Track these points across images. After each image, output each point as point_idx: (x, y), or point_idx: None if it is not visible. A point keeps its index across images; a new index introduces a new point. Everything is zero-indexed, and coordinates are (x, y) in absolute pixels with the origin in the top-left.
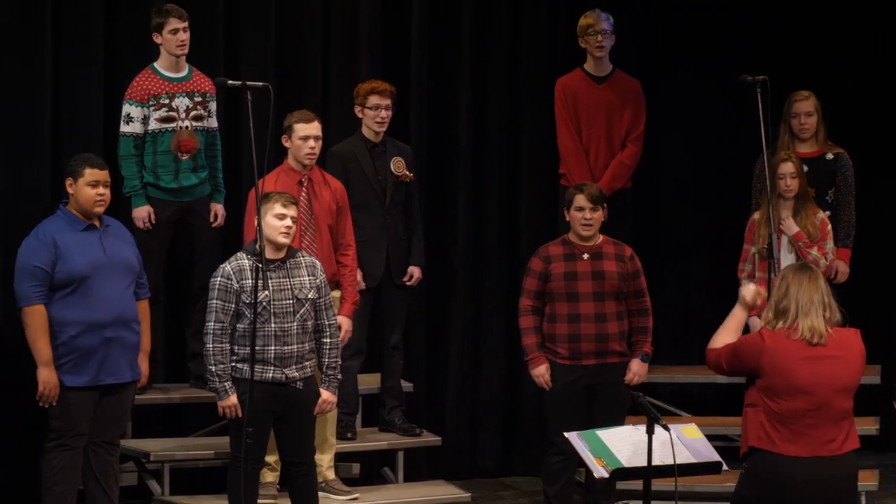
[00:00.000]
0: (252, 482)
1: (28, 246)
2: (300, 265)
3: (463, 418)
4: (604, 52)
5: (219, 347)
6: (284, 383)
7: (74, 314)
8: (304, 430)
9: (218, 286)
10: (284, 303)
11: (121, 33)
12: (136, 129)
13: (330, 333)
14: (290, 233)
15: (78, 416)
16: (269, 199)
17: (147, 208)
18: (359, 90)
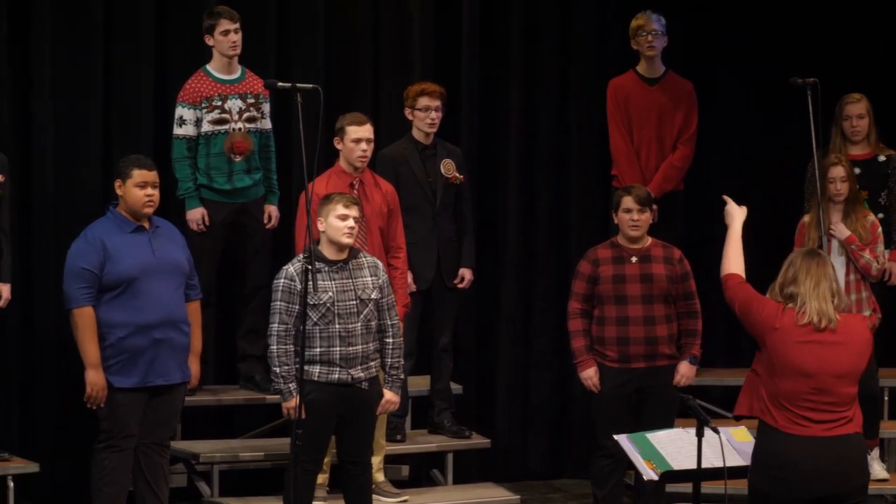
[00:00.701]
0: (309, 483)
1: (77, 248)
2: (363, 266)
3: (512, 420)
4: (655, 52)
5: (283, 349)
6: (350, 384)
7: (123, 316)
8: (365, 430)
9: (281, 288)
10: (348, 303)
11: (172, 34)
12: (189, 132)
13: (393, 333)
14: (353, 233)
15: (127, 418)
16: (331, 200)
17: (201, 210)
18: (408, 92)
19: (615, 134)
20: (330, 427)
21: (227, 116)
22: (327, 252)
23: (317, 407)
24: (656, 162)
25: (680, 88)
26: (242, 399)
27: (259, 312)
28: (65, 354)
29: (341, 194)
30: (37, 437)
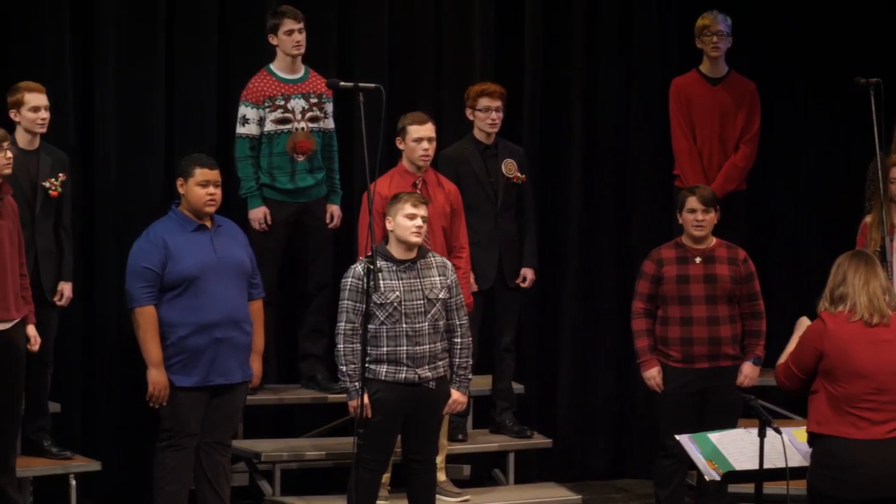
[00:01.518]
0: (374, 483)
1: (138, 247)
2: (431, 265)
3: (574, 420)
4: (719, 53)
5: (350, 348)
6: (417, 383)
7: (184, 315)
8: (432, 430)
9: (349, 287)
10: (416, 303)
11: (235, 34)
12: (252, 131)
13: (461, 333)
14: (422, 232)
15: (188, 417)
16: (399, 200)
17: (263, 209)
18: (469, 92)
19: (678, 133)
20: (396, 426)
21: (290, 116)
22: (395, 251)
23: (383, 406)
24: (718, 162)
25: (743, 88)
26: (304, 398)
27: (321, 312)
28: (127, 353)
29: (410, 193)
30: (98, 436)
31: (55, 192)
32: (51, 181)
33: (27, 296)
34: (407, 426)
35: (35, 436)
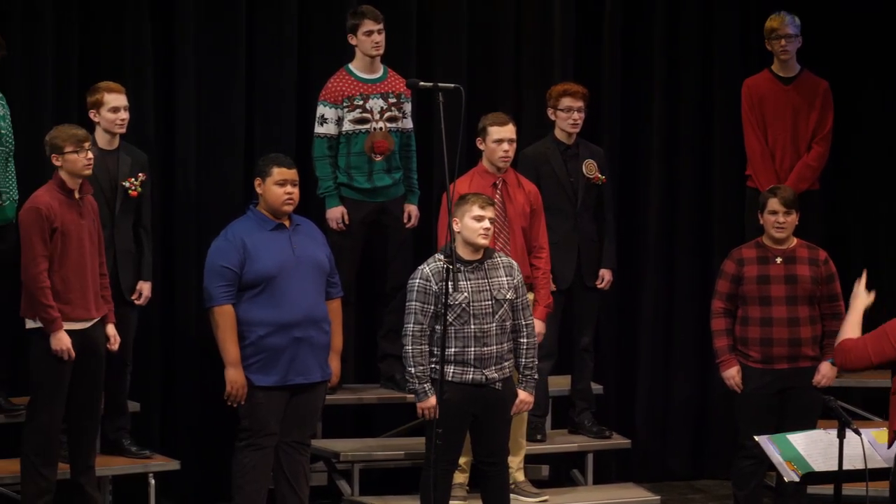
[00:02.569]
0: (445, 483)
1: (216, 247)
2: (498, 266)
3: (653, 420)
4: (788, 55)
5: (418, 349)
6: (484, 384)
7: (263, 314)
8: (500, 431)
9: (417, 288)
10: (483, 304)
11: (314, 34)
12: (331, 131)
13: (527, 333)
14: (489, 234)
15: (267, 416)
16: (467, 201)
17: (340, 209)
18: (551, 92)
19: (750, 134)
20: (464, 427)
21: (369, 116)
22: (463, 252)
23: (451, 407)
24: (791, 162)
25: (815, 87)
26: (383, 398)
27: (399, 312)
28: (205, 352)
29: (477, 195)
30: (178, 435)
31: (135, 191)
32: (130, 181)
33: (107, 295)
34: (476, 428)
35: (114, 435)
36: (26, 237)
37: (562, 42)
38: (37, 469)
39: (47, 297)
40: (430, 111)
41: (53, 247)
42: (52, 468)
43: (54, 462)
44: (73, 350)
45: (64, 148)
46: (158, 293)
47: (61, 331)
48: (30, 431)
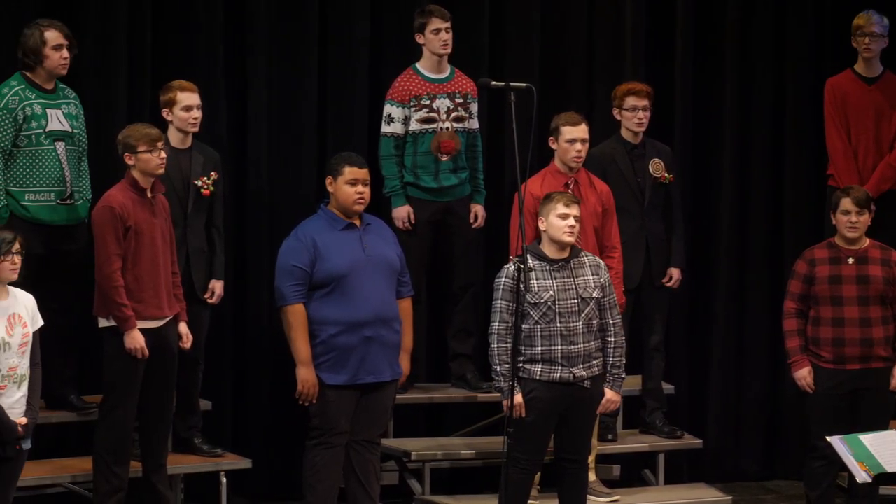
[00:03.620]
0: (526, 482)
1: (287, 246)
2: (584, 264)
3: (725, 421)
4: (871, 54)
5: (503, 347)
6: (572, 383)
7: (333, 313)
8: (585, 429)
9: (502, 286)
10: (569, 302)
11: (386, 33)
12: (397, 130)
13: (615, 332)
14: (574, 232)
15: (338, 415)
16: (552, 199)
17: (406, 208)
18: (616, 92)
19: (832, 133)
20: (550, 426)
21: (435, 115)
22: (548, 251)
23: (538, 405)
24: (873, 161)
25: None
26: (454, 397)
27: (468, 311)
28: (277, 351)
29: (562, 193)
30: (249, 434)
31: (207, 190)
32: (203, 180)
33: (179, 294)
34: (560, 425)
35: (186, 433)
36: (100, 236)
37: (633, 41)
38: (109, 467)
39: (121, 296)
40: (501, 111)
41: (126, 246)
42: (124, 466)
43: (126, 460)
44: (146, 349)
45: (137, 147)
46: (230, 292)
47: (134, 329)
48: (102, 430)
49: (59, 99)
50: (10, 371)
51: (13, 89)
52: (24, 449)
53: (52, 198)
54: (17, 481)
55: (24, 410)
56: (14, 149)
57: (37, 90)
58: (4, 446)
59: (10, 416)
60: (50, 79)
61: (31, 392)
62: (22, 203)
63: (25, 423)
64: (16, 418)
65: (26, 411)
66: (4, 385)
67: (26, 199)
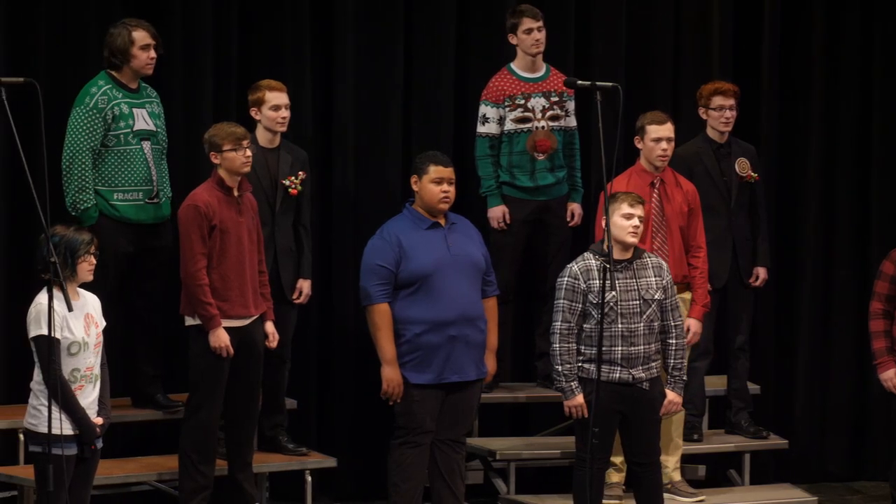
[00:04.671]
0: (597, 482)
1: (372, 245)
2: (647, 266)
3: (811, 421)
4: None
5: (565, 347)
6: (631, 384)
7: (418, 312)
8: (649, 431)
9: (565, 286)
10: (631, 303)
11: (472, 33)
12: (492, 130)
13: (676, 334)
14: (638, 232)
15: (423, 414)
16: (617, 199)
17: (502, 208)
18: (702, 91)
19: None
20: (612, 426)
21: (531, 115)
22: (612, 251)
23: (597, 406)
24: None
25: None
26: (539, 397)
27: None
28: (362, 350)
29: (627, 193)
30: (334, 433)
31: (295, 189)
32: (291, 179)
33: (266, 293)
34: (624, 428)
35: (272, 432)
36: (185, 234)
37: (720, 40)
38: (195, 466)
39: (206, 295)
40: (587, 110)
41: (212, 244)
42: (210, 465)
43: (212, 459)
44: (231, 347)
45: (223, 146)
46: (317, 291)
47: (220, 328)
48: (188, 428)
49: (143, 98)
50: (87, 371)
51: (101, 89)
52: (98, 448)
53: (140, 197)
54: (93, 480)
55: (98, 410)
56: (103, 148)
57: (123, 89)
58: (83, 447)
59: None
60: (135, 78)
61: (104, 392)
62: (111, 202)
63: (101, 423)
64: (92, 418)
65: (99, 411)
66: (82, 385)
67: (115, 198)
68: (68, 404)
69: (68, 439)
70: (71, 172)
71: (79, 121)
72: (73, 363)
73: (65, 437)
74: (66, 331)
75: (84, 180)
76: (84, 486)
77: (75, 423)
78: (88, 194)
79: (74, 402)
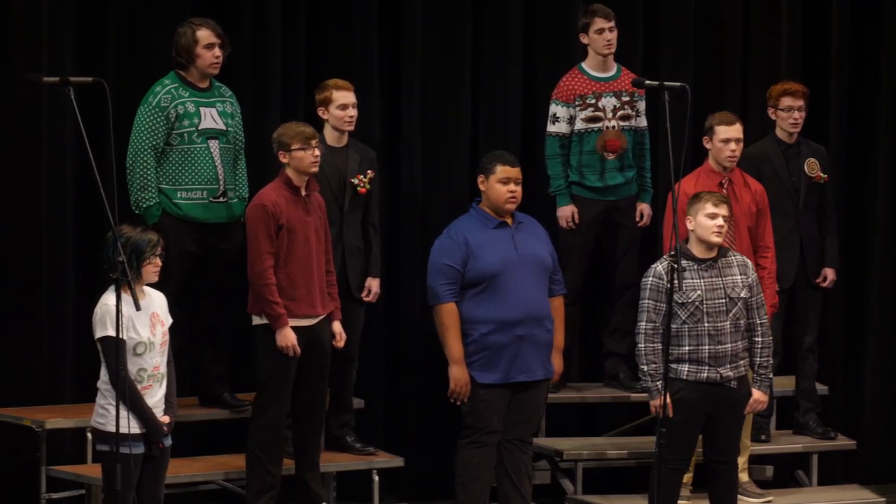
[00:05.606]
0: (675, 483)
1: (439, 244)
2: (732, 264)
3: (879, 422)
4: None
5: (651, 347)
6: (719, 383)
7: (485, 312)
8: (733, 430)
9: (650, 286)
10: (717, 302)
11: (540, 32)
12: (563, 129)
13: (762, 332)
14: (722, 232)
15: (490, 414)
16: (700, 199)
17: (571, 207)
18: (771, 92)
19: None
20: (697, 425)
21: (601, 114)
22: (696, 250)
23: (685, 405)
24: None
25: None
26: (606, 397)
27: (626, 311)
28: (429, 350)
29: (711, 193)
30: (401, 432)
31: (363, 188)
32: (359, 178)
33: (333, 292)
34: (708, 426)
35: (339, 431)
36: (252, 234)
37: (789, 40)
38: (262, 465)
39: (273, 294)
40: (655, 110)
41: (279, 244)
42: (277, 464)
43: (280, 458)
44: (297, 347)
45: (291, 145)
46: (384, 290)
47: (287, 327)
48: (256, 428)
49: (213, 97)
50: (154, 370)
51: (166, 87)
52: (167, 447)
53: (204, 196)
54: (164, 478)
55: (165, 409)
56: (167, 147)
57: (190, 88)
58: (150, 445)
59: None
60: (203, 77)
61: (170, 390)
62: (174, 201)
63: (168, 422)
64: (158, 416)
65: (166, 409)
66: (150, 385)
67: (178, 196)
68: (135, 404)
69: (135, 438)
70: (133, 170)
71: (142, 119)
72: (140, 363)
73: (132, 436)
74: (132, 331)
75: (146, 178)
76: (156, 484)
77: (142, 423)
78: (150, 192)
79: (141, 402)
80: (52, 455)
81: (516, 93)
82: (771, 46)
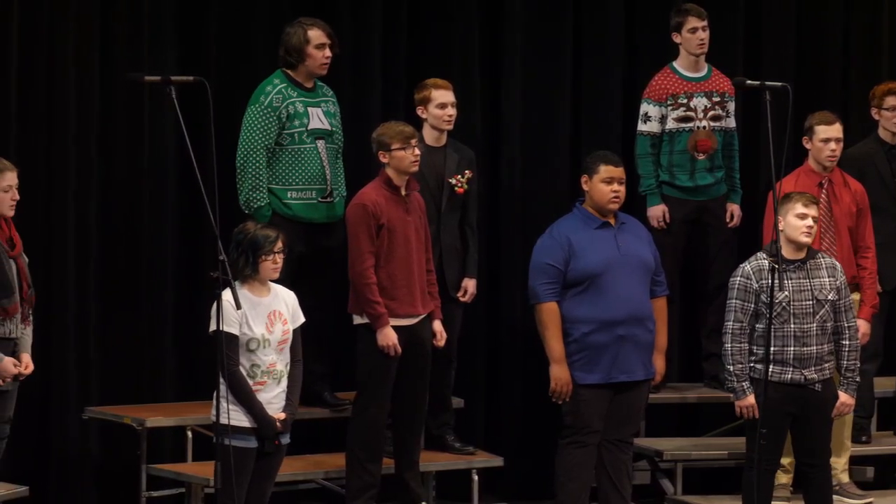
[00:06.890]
0: (767, 484)
1: (542, 244)
2: (820, 266)
3: None
4: None
5: (737, 347)
6: (803, 385)
7: (587, 312)
8: (820, 432)
9: (737, 286)
10: (804, 303)
11: (640, 30)
12: (654, 129)
13: (849, 335)
14: (811, 233)
15: (590, 414)
16: (790, 199)
17: (661, 207)
18: (875, 92)
19: None
20: (783, 427)
21: (692, 114)
22: (785, 251)
23: (769, 406)
24: None
25: None
26: (707, 397)
27: (722, 311)
28: (530, 349)
29: (801, 193)
30: (501, 432)
31: (461, 188)
32: (457, 178)
33: (433, 291)
34: (795, 429)
35: (438, 430)
36: (353, 233)
37: (891, 41)
38: (362, 464)
39: (374, 293)
40: (756, 110)
41: (380, 243)
42: (377, 463)
43: (380, 458)
44: (398, 346)
45: (391, 145)
46: (484, 290)
47: (387, 327)
48: (356, 427)
49: (318, 97)
50: (270, 367)
51: (276, 87)
52: (283, 444)
53: (313, 196)
54: (275, 476)
55: (283, 406)
56: (277, 147)
57: (298, 88)
58: (263, 441)
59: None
60: (310, 77)
61: (291, 388)
62: (284, 201)
63: (284, 419)
64: (274, 413)
65: (285, 406)
66: (264, 381)
67: (289, 196)
68: (245, 399)
69: (247, 432)
70: (245, 170)
71: (253, 119)
72: (253, 359)
73: (242, 430)
74: (245, 327)
75: (258, 178)
76: (265, 480)
77: (252, 418)
78: (261, 193)
79: (251, 398)
80: (153, 453)
81: (617, 92)
82: (872, 46)
